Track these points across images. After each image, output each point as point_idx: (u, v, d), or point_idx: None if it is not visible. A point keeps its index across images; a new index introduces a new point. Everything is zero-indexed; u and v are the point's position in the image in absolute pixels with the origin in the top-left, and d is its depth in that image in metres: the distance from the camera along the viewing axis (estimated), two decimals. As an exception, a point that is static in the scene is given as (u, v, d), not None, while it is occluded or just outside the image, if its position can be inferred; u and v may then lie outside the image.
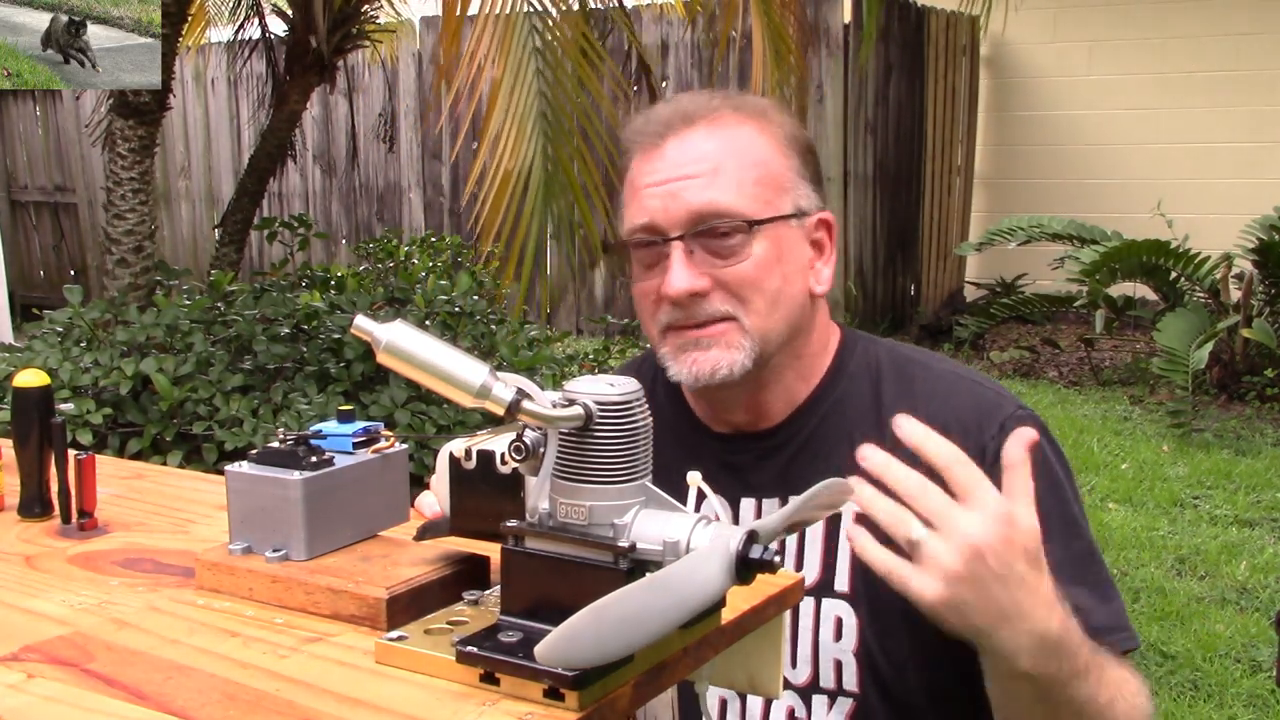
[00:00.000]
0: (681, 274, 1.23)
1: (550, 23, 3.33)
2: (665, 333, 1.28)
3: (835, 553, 1.28)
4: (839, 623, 1.27)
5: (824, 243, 1.33)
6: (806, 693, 1.30)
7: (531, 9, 3.31)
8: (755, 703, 1.32)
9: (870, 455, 1.00)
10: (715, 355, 1.25)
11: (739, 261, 1.24)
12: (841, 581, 1.27)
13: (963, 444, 1.21)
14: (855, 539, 1.00)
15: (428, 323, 3.91)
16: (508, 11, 3.25)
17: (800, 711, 1.31)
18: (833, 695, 1.29)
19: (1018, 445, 1.02)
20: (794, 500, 0.82)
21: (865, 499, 0.98)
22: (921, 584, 0.98)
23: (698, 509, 0.82)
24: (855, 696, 1.28)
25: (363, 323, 0.78)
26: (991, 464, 1.20)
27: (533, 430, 0.78)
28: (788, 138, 1.31)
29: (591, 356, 4.91)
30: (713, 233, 1.24)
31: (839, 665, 1.28)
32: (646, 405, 0.79)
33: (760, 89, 4.01)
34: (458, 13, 3.26)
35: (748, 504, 1.33)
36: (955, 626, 1.00)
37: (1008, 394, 1.32)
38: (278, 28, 5.42)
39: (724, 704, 1.33)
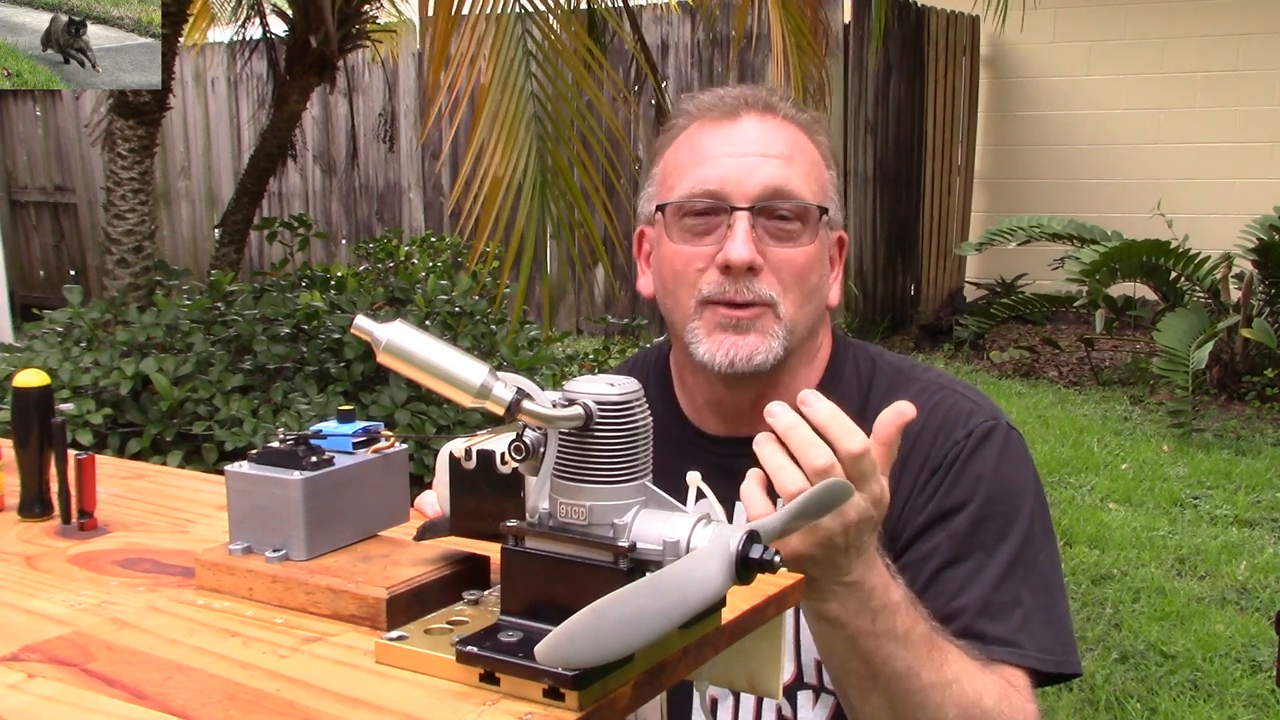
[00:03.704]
0: (747, 244, 1.24)
1: (545, 26, 3.29)
2: (703, 306, 1.27)
3: None
4: None
5: (836, 259, 1.37)
6: (791, 690, 1.31)
7: (523, 9, 3.28)
8: (747, 700, 1.32)
9: (780, 415, 1.03)
10: (753, 341, 1.25)
11: (795, 247, 1.27)
12: None
13: (928, 449, 1.28)
14: (744, 493, 1.04)
15: (428, 323, 3.91)
16: (497, 11, 3.21)
17: (786, 710, 1.32)
18: (816, 691, 1.31)
19: (889, 423, 1.05)
20: (794, 500, 0.82)
21: (775, 466, 1.02)
22: (798, 540, 1.04)
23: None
24: (836, 695, 1.29)
25: (363, 323, 0.77)
26: (949, 467, 1.26)
27: (533, 430, 0.78)
28: (830, 152, 1.36)
29: (591, 356, 4.91)
30: (778, 213, 1.26)
31: (820, 665, 1.29)
32: (646, 405, 0.79)
33: (779, 86, 4.00)
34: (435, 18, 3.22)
35: (741, 507, 1.33)
36: (815, 575, 1.06)
37: (987, 406, 1.33)
38: (279, 28, 5.42)
39: (714, 702, 1.34)
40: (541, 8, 3.33)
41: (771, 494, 1.03)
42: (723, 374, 1.27)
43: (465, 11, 3.24)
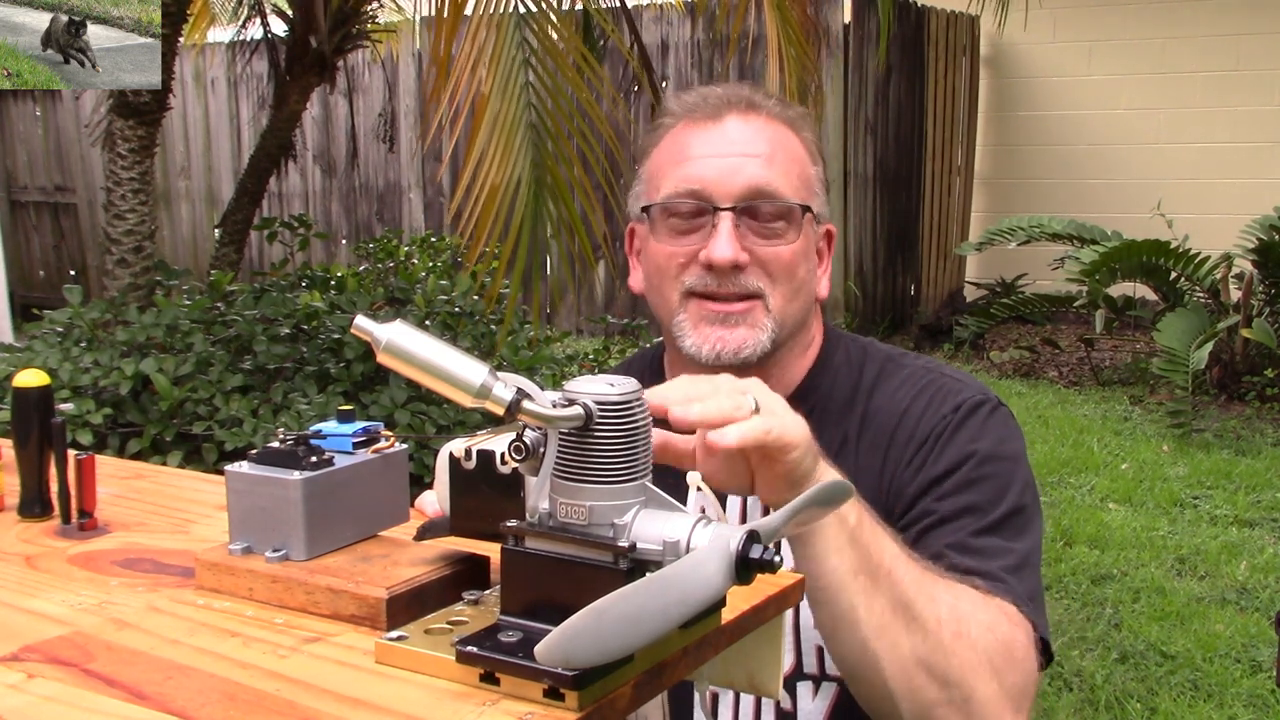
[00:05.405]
0: (730, 243, 1.27)
1: (542, 28, 3.29)
2: (687, 298, 1.30)
3: None
4: None
5: (824, 252, 1.40)
6: (790, 681, 1.31)
7: (525, 9, 3.28)
8: (746, 695, 1.32)
9: (647, 397, 1.00)
10: (742, 334, 1.28)
11: (781, 244, 1.30)
12: None
13: (915, 424, 1.30)
14: (716, 440, 0.96)
15: (428, 323, 3.91)
16: (498, 11, 3.21)
17: (786, 702, 1.31)
18: (817, 681, 1.31)
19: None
20: (794, 500, 0.82)
21: (695, 414, 0.96)
22: (788, 422, 1.01)
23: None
24: (839, 681, 1.29)
25: (363, 323, 0.77)
26: (937, 438, 1.28)
27: (533, 430, 0.78)
28: (816, 148, 1.39)
29: (591, 356, 4.92)
30: (761, 212, 1.29)
31: (820, 651, 1.29)
32: (646, 405, 0.79)
33: (775, 89, 4.02)
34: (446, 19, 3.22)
35: (734, 501, 1.33)
36: (810, 466, 1.03)
37: (976, 385, 1.35)
38: (279, 28, 5.42)
39: (715, 698, 1.34)
40: (537, 9, 3.33)
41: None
42: (710, 367, 1.28)
43: (467, 12, 3.25)
